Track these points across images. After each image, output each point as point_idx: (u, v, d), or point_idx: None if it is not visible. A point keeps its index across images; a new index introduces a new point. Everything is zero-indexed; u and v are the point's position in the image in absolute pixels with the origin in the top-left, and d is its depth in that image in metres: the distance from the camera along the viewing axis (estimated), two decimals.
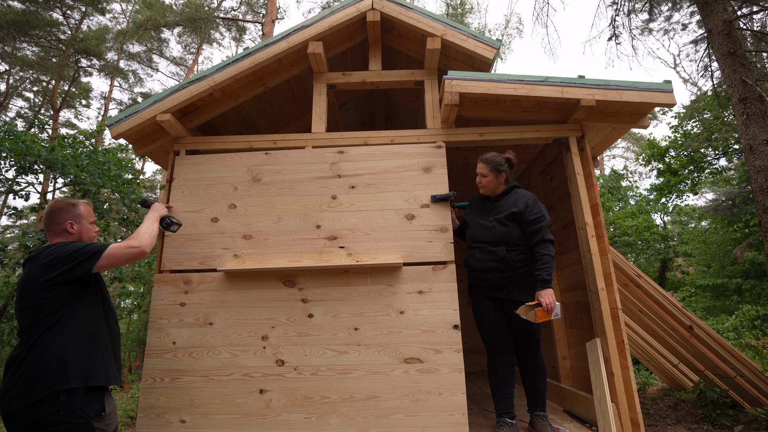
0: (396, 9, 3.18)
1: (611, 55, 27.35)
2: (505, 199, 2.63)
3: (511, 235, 2.51)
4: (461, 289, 2.73)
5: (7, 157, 5.44)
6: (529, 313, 2.37)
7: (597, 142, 3.24)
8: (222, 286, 2.66)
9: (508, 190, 2.65)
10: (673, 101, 2.71)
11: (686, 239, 12.46)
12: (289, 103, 3.97)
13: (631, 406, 2.42)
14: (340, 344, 2.51)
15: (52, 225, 1.82)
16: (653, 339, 4.49)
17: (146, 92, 21.39)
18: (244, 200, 2.84)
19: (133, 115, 2.93)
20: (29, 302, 1.63)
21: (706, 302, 10.21)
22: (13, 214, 15.60)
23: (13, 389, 1.55)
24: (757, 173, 4.38)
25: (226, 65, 3.01)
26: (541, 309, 2.33)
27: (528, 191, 2.64)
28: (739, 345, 6.75)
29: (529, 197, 2.57)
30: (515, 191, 2.65)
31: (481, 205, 2.73)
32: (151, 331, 2.61)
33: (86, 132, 7.02)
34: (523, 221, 2.49)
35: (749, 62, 4.94)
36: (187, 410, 2.45)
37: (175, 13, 16.44)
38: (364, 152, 2.92)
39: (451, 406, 2.38)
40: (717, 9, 5.03)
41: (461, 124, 3.34)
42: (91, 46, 15.62)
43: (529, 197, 2.57)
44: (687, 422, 3.94)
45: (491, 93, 2.75)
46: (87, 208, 1.92)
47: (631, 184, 15.97)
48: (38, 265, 1.65)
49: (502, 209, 2.58)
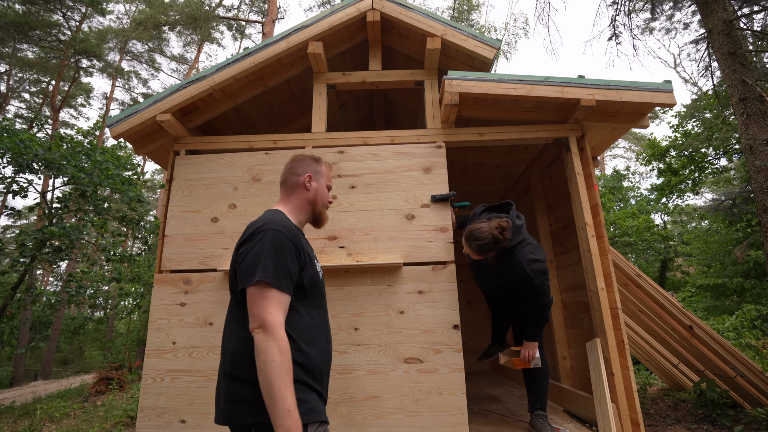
0: (396, 9, 3.18)
1: (611, 54, 27.35)
2: (499, 263, 2.44)
3: (505, 294, 2.69)
4: (461, 289, 2.74)
5: (5, 154, 5.44)
6: (508, 360, 2.59)
7: (597, 142, 3.24)
8: (222, 286, 2.66)
9: (504, 253, 2.40)
10: (673, 101, 2.71)
11: (687, 239, 12.45)
12: (289, 103, 3.97)
13: (631, 406, 2.42)
14: (340, 344, 2.51)
15: (289, 176, 1.53)
16: (653, 339, 4.49)
17: (147, 93, 21.41)
18: (244, 200, 2.84)
19: (133, 115, 2.93)
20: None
21: (706, 302, 10.20)
22: (13, 215, 15.62)
23: None
24: (757, 173, 4.37)
25: (226, 65, 3.01)
26: (518, 359, 2.53)
27: (525, 255, 2.35)
28: (739, 345, 6.74)
29: (521, 273, 2.32)
30: (512, 255, 2.37)
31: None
32: (151, 331, 2.61)
33: (83, 130, 7.02)
34: (519, 292, 2.53)
35: (749, 62, 4.94)
36: (187, 410, 2.45)
37: (176, 11, 16.44)
38: (364, 152, 2.92)
39: (451, 406, 2.38)
40: (717, 9, 5.02)
41: (461, 124, 3.34)
42: (91, 47, 15.64)
43: (521, 273, 2.32)
44: (687, 422, 3.94)
45: (491, 93, 2.75)
46: (328, 170, 1.64)
47: (632, 185, 15.97)
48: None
49: (496, 273, 2.50)
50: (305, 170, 1.54)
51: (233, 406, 1.19)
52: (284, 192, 1.53)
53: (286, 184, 1.53)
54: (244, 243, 1.28)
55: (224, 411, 1.21)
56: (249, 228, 1.33)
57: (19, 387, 12.44)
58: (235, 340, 1.26)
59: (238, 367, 1.22)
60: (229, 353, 1.26)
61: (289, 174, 1.54)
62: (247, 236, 1.30)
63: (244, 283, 1.21)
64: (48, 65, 15.80)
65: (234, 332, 1.27)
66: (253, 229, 1.30)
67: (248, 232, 1.31)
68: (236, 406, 1.19)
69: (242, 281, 1.22)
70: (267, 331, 1.14)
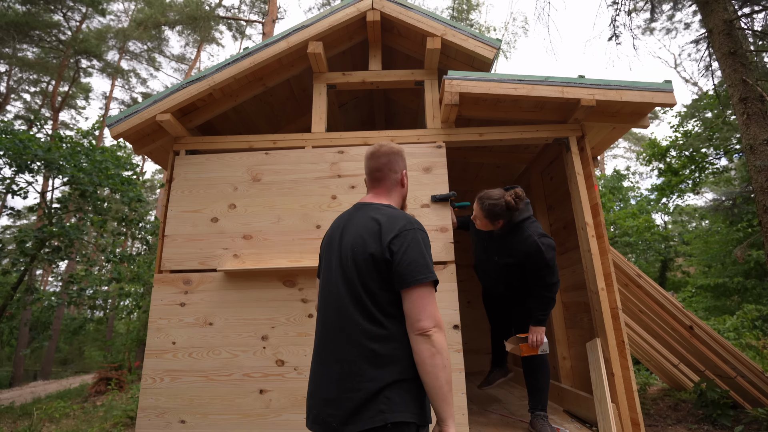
0: (396, 9, 3.17)
1: (611, 54, 27.33)
2: (508, 238, 2.44)
3: (512, 277, 2.55)
4: (461, 289, 2.73)
5: (4, 155, 5.44)
6: (515, 347, 2.52)
7: (597, 142, 3.24)
8: (222, 286, 2.66)
9: (514, 227, 2.42)
10: (674, 101, 2.71)
11: (688, 240, 12.45)
12: (289, 103, 3.96)
13: (632, 407, 2.42)
14: None
15: (389, 172, 1.47)
16: (653, 339, 4.48)
17: (147, 92, 21.41)
18: (244, 200, 2.84)
19: (133, 115, 2.93)
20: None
21: (706, 302, 10.19)
22: (13, 215, 15.62)
23: None
24: (757, 173, 4.37)
25: (225, 65, 3.01)
26: (526, 345, 2.46)
27: (535, 229, 2.36)
28: (740, 345, 6.74)
29: (532, 246, 2.30)
30: (521, 229, 2.38)
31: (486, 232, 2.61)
32: (150, 332, 2.60)
33: (83, 130, 7.01)
34: (528, 270, 2.41)
35: (750, 62, 4.93)
36: (187, 410, 2.44)
37: (176, 11, 16.44)
38: (364, 152, 2.92)
39: None
40: (717, 8, 5.02)
41: (461, 124, 3.34)
42: (91, 47, 15.65)
43: (532, 246, 2.30)
44: (687, 422, 3.93)
45: (491, 93, 2.75)
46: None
47: (632, 185, 15.97)
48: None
49: (504, 250, 2.47)
50: (402, 167, 1.51)
51: (378, 405, 1.14)
52: (384, 188, 1.48)
53: (387, 180, 1.48)
54: (395, 239, 1.23)
55: (358, 410, 1.14)
56: (392, 222, 1.27)
57: (18, 387, 12.44)
58: (373, 338, 1.19)
59: (384, 367, 1.17)
60: (367, 352, 1.18)
61: (388, 170, 1.48)
62: (396, 232, 1.25)
63: (413, 281, 1.18)
64: (48, 65, 15.81)
65: (366, 331, 1.20)
66: (400, 225, 1.26)
67: (395, 228, 1.25)
68: (381, 405, 1.14)
69: (410, 278, 1.18)
70: (442, 331, 1.16)
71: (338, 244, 1.35)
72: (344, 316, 1.24)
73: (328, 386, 1.21)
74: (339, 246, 1.34)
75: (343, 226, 1.39)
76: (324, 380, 1.23)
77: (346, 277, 1.27)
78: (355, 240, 1.29)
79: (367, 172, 1.51)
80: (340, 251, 1.32)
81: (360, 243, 1.27)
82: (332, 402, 1.18)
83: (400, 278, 1.19)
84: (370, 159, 1.50)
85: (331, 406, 1.18)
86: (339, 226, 1.42)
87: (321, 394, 1.23)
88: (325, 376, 1.23)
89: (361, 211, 1.39)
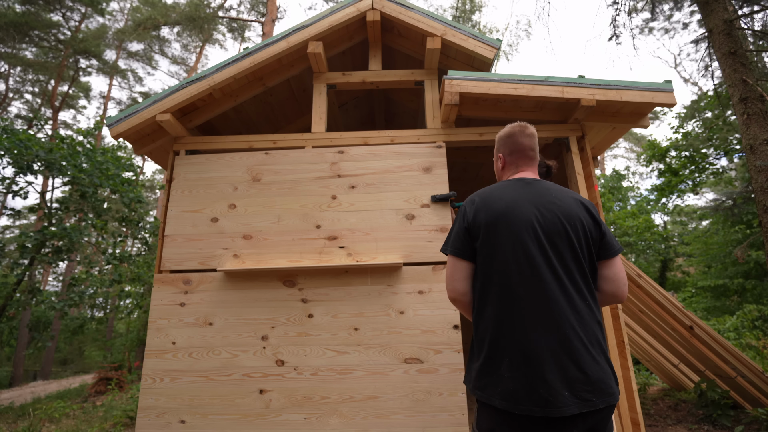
0: (396, 9, 3.17)
1: (611, 54, 27.31)
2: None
3: None
4: None
5: (5, 155, 5.43)
6: None
7: (597, 142, 3.23)
8: (222, 286, 2.66)
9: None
10: (674, 101, 2.71)
11: (688, 240, 12.45)
12: (289, 103, 3.96)
13: (632, 406, 2.42)
14: (340, 344, 2.51)
15: (530, 151, 1.58)
16: (653, 339, 4.48)
17: (146, 92, 21.40)
18: (244, 200, 2.83)
19: (133, 114, 2.92)
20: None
21: (706, 303, 10.20)
22: (13, 215, 15.62)
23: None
24: (757, 173, 4.37)
25: (225, 65, 3.01)
26: None
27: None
28: (740, 345, 6.74)
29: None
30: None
31: None
32: (150, 332, 2.60)
33: (83, 130, 7.00)
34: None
35: (750, 62, 4.93)
36: (187, 410, 2.44)
37: (176, 12, 16.44)
38: (364, 152, 2.92)
39: (451, 406, 2.37)
40: (717, 8, 5.02)
41: (461, 124, 3.34)
42: (90, 47, 15.65)
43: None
44: (687, 422, 3.93)
45: (491, 93, 2.75)
46: None
47: (632, 185, 15.97)
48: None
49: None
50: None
51: (610, 383, 1.21)
52: (533, 166, 1.59)
53: (535, 160, 1.61)
54: (596, 217, 1.40)
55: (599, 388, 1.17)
56: (583, 202, 1.43)
57: (18, 387, 12.44)
58: (595, 310, 1.29)
59: (603, 341, 1.27)
60: (596, 326, 1.26)
61: (532, 151, 1.59)
62: (594, 210, 1.42)
63: (620, 249, 1.40)
64: (48, 65, 15.80)
65: (588, 305, 1.28)
66: (591, 204, 1.44)
67: (588, 206, 1.42)
68: (612, 382, 1.22)
69: (618, 247, 1.40)
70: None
71: (529, 218, 1.34)
72: (561, 290, 1.26)
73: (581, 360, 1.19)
74: (528, 220, 1.33)
75: (524, 200, 1.39)
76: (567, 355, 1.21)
77: (557, 249, 1.30)
78: (569, 214, 1.36)
79: (519, 148, 1.59)
80: (536, 224, 1.32)
81: (577, 217, 1.36)
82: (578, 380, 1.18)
83: (611, 248, 1.38)
84: (525, 137, 1.59)
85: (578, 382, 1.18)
86: (513, 200, 1.40)
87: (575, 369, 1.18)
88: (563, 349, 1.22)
89: (540, 187, 1.45)
